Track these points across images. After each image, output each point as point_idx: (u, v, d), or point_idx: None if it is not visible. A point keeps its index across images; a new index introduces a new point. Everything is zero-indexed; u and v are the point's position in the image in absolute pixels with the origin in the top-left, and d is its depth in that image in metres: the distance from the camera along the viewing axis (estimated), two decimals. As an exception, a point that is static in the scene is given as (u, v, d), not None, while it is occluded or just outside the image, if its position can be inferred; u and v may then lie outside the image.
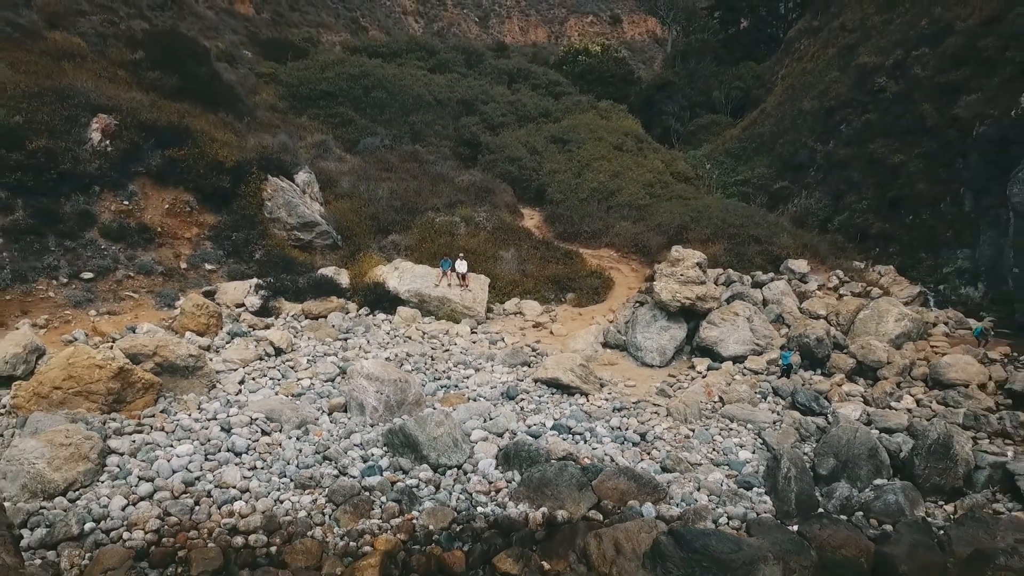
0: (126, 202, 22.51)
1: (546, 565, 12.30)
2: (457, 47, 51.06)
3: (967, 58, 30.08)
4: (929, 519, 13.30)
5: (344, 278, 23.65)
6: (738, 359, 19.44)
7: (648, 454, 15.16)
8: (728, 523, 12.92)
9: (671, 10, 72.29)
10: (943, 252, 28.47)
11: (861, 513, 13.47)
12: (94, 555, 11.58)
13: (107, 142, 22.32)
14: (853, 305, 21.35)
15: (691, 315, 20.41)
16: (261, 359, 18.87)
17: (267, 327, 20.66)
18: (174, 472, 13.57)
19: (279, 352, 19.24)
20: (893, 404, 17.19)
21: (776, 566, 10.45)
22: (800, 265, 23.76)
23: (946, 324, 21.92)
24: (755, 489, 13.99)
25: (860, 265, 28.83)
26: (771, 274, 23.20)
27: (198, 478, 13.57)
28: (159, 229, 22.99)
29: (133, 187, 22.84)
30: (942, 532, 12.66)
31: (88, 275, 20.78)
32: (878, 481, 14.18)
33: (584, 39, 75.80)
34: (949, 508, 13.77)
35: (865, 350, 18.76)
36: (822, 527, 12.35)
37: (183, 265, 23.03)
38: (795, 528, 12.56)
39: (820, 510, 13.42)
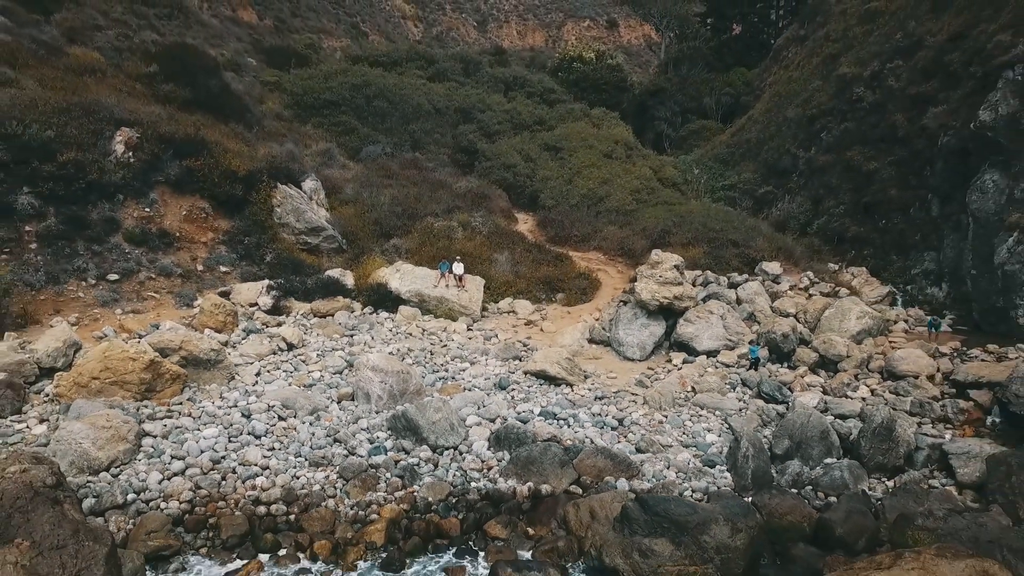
0: (147, 209, 24.28)
1: (530, 531, 14.06)
2: (455, 56, 52.78)
3: (936, 71, 31.90)
4: (869, 492, 15.06)
5: (349, 279, 25.41)
6: (711, 353, 21.21)
7: (624, 437, 16.92)
8: (692, 495, 14.68)
9: (664, 17, 74.03)
10: (912, 254, 30.30)
11: (810, 487, 15.24)
12: (137, 521, 13.31)
13: (130, 153, 24.10)
14: (820, 304, 23.14)
15: (669, 313, 22.19)
16: (274, 353, 20.63)
17: (279, 325, 22.43)
18: (202, 452, 15.30)
19: (291, 347, 21.01)
20: (849, 393, 18.96)
21: (725, 526, 12.19)
22: (773, 267, 25.52)
23: (906, 322, 23.68)
24: (718, 467, 15.75)
25: (835, 267, 30.65)
26: (746, 275, 24.96)
27: (223, 457, 15.30)
28: (177, 234, 24.76)
29: (154, 195, 24.60)
30: (879, 502, 14.42)
31: (114, 277, 22.54)
32: (828, 460, 15.94)
33: (580, 44, 77.43)
34: (889, 483, 15.53)
35: (827, 345, 20.54)
36: (772, 497, 14.11)
37: (199, 267, 24.79)
38: (749, 499, 14.32)
39: (774, 484, 15.18)
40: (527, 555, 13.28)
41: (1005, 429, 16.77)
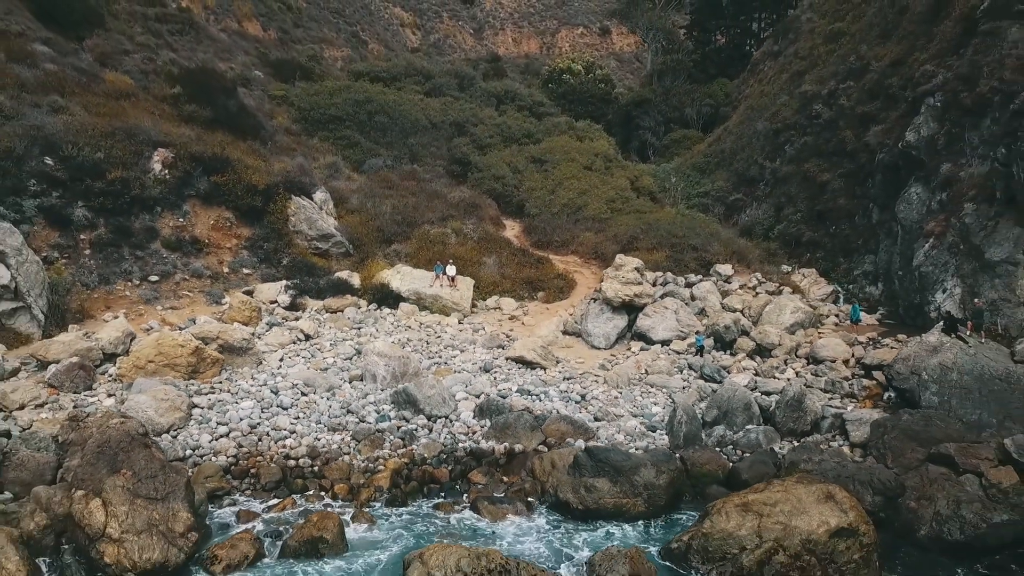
0: (181, 219, 27.96)
1: (505, 479, 17.73)
2: (450, 71, 56.44)
3: (879, 93, 35.58)
4: (778, 450, 18.76)
5: (356, 280, 29.10)
6: (665, 342, 24.92)
7: (585, 408, 20.62)
8: (634, 451, 18.38)
9: (650, 30, 77.74)
10: (854, 257, 33.95)
11: (731, 446, 18.92)
12: (195, 469, 16.98)
13: (166, 171, 27.78)
14: (763, 301, 26.87)
15: (631, 308, 25.89)
16: (294, 343, 24.31)
17: (297, 319, 26.10)
18: (241, 419, 18.96)
19: (308, 338, 24.68)
20: (777, 375, 22.66)
21: (652, 469, 15.86)
22: (726, 268, 29.23)
23: (836, 316, 27.39)
24: (658, 431, 19.45)
25: (788, 268, 34.36)
26: (700, 276, 28.68)
27: (258, 423, 18.96)
28: (206, 241, 28.44)
29: (186, 207, 28.29)
30: (782, 456, 18.11)
31: (154, 278, 26.23)
32: (749, 426, 19.62)
33: (572, 53, 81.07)
34: (796, 443, 19.23)
35: (762, 335, 24.25)
36: (695, 451, 17.79)
37: (225, 270, 28.48)
38: (678, 455, 18.01)
39: (702, 444, 18.87)
40: (501, 495, 16.97)
41: (896, 402, 20.48)
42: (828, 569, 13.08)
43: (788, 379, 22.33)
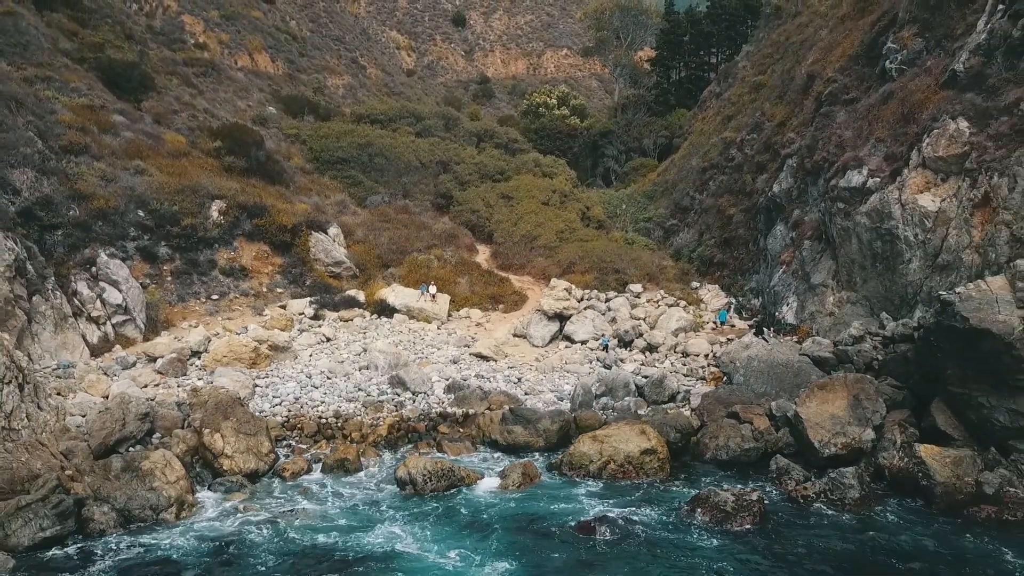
0: (232, 253, 37.75)
1: (461, 430, 27.43)
2: (438, 113, 66.31)
3: (768, 147, 45.44)
4: (641, 413, 28.52)
5: (361, 296, 38.86)
6: (584, 342, 34.72)
7: (519, 387, 30.42)
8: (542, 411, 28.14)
9: (617, 66, 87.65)
10: (746, 276, 43.79)
11: (611, 410, 28.70)
12: (264, 422, 26.69)
13: (221, 217, 37.56)
14: (660, 311, 36.69)
15: (561, 318, 35.70)
16: (319, 343, 34.08)
17: (319, 326, 35.86)
18: (288, 394, 28.71)
19: (328, 340, 34.46)
20: (657, 365, 32.50)
21: (548, 420, 25.58)
22: (637, 287, 39.07)
23: (714, 323, 37.24)
24: (564, 401, 29.24)
25: (697, 284, 44.24)
26: (616, 293, 38.50)
27: (299, 396, 28.67)
28: (250, 268, 38.22)
29: (235, 243, 38.08)
30: (643, 416, 27.88)
31: (215, 296, 36.00)
32: (627, 398, 29.40)
33: (545, 91, 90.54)
34: (654, 408, 29.02)
35: (651, 337, 34.10)
36: (584, 412, 27.55)
37: (264, 289, 38.28)
38: (573, 414, 27.73)
39: (591, 408, 28.65)
40: (457, 439, 26.76)
41: (727, 382, 30.28)
42: (639, 472, 22.88)
43: (663, 367, 32.16)
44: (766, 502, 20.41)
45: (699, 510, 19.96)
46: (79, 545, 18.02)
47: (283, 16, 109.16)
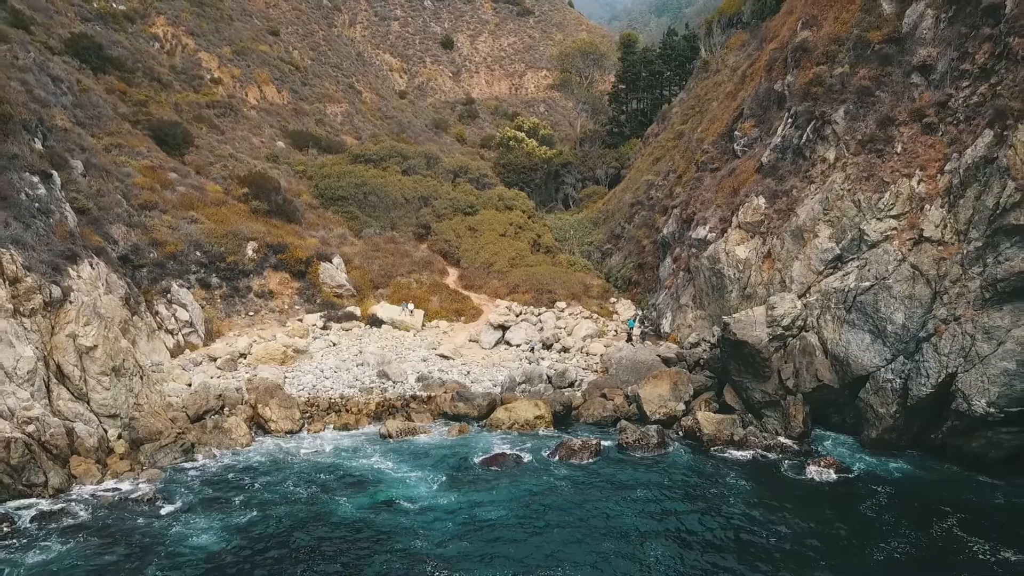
0: (262, 280, 51.13)
1: (425, 406, 40.98)
2: (421, 153, 79.63)
3: (671, 194, 58.87)
4: (547, 394, 42.01)
5: (358, 311, 52.30)
6: (518, 346, 48.23)
7: (467, 377, 43.92)
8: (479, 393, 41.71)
9: (580, 102, 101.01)
10: (651, 295, 57.36)
11: (528, 393, 42.18)
12: (295, 400, 40.21)
13: (254, 254, 50.97)
14: (576, 322, 50.20)
15: (504, 328, 49.20)
16: (327, 348, 47.50)
17: (328, 335, 49.32)
18: (308, 383, 42.19)
19: (334, 345, 47.91)
20: (567, 362, 46.05)
21: (480, 398, 39.09)
22: (562, 304, 52.58)
23: (615, 331, 50.84)
24: (497, 387, 42.76)
25: (615, 300, 57.81)
26: (545, 308, 51.97)
27: (316, 385, 42.13)
28: (275, 291, 51.60)
29: (265, 273, 51.45)
30: (546, 394, 41.36)
31: (251, 313, 49.45)
32: (540, 385, 42.92)
33: (517, 123, 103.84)
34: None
35: (563, 342, 47.63)
36: (507, 394, 41.10)
37: (286, 307, 51.69)
38: (499, 396, 41.23)
39: (515, 391, 42.20)
40: (422, 412, 40.26)
41: (611, 374, 43.81)
42: (532, 429, 36.45)
43: (570, 363, 45.67)
44: (603, 444, 34.00)
45: (560, 449, 33.53)
46: (196, 464, 31.58)
47: (287, 47, 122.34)
